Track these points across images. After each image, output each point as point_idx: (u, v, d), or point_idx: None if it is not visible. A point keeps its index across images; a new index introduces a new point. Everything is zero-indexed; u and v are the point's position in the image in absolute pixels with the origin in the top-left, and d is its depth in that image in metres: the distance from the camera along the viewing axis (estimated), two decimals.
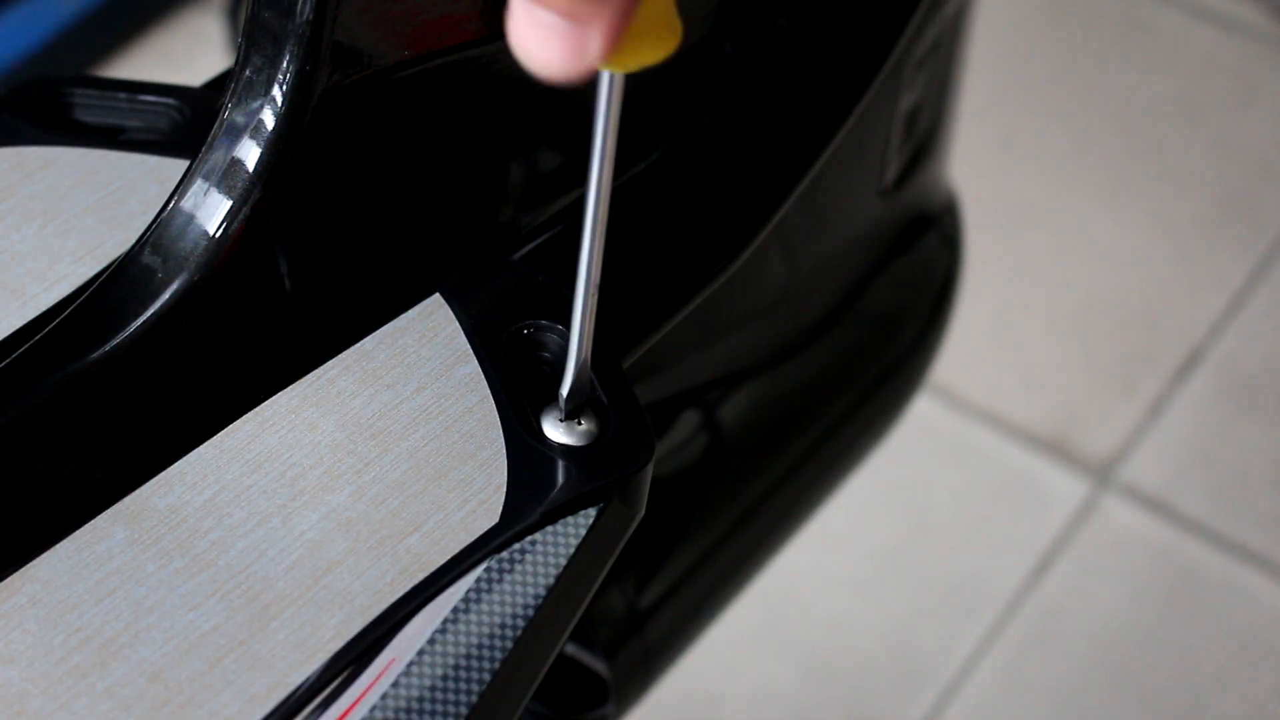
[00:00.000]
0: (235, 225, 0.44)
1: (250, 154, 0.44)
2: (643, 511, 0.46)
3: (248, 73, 0.44)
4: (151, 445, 0.45)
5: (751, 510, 0.69)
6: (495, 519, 0.44)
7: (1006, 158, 1.57)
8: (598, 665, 0.63)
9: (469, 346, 0.47)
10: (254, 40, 0.44)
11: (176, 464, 0.44)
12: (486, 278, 0.49)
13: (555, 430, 0.45)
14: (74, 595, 0.41)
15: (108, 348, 0.44)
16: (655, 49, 0.37)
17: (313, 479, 0.44)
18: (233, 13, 1.43)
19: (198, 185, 0.45)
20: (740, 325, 0.65)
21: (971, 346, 1.43)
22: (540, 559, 0.43)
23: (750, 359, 0.68)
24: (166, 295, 0.44)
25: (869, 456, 0.76)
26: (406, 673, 0.41)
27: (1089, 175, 1.57)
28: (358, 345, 0.47)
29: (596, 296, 0.43)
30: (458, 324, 0.48)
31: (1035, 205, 1.55)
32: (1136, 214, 1.54)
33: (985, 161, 1.53)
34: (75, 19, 1.52)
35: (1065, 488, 1.38)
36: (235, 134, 0.44)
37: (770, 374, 0.69)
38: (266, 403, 0.46)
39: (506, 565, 0.43)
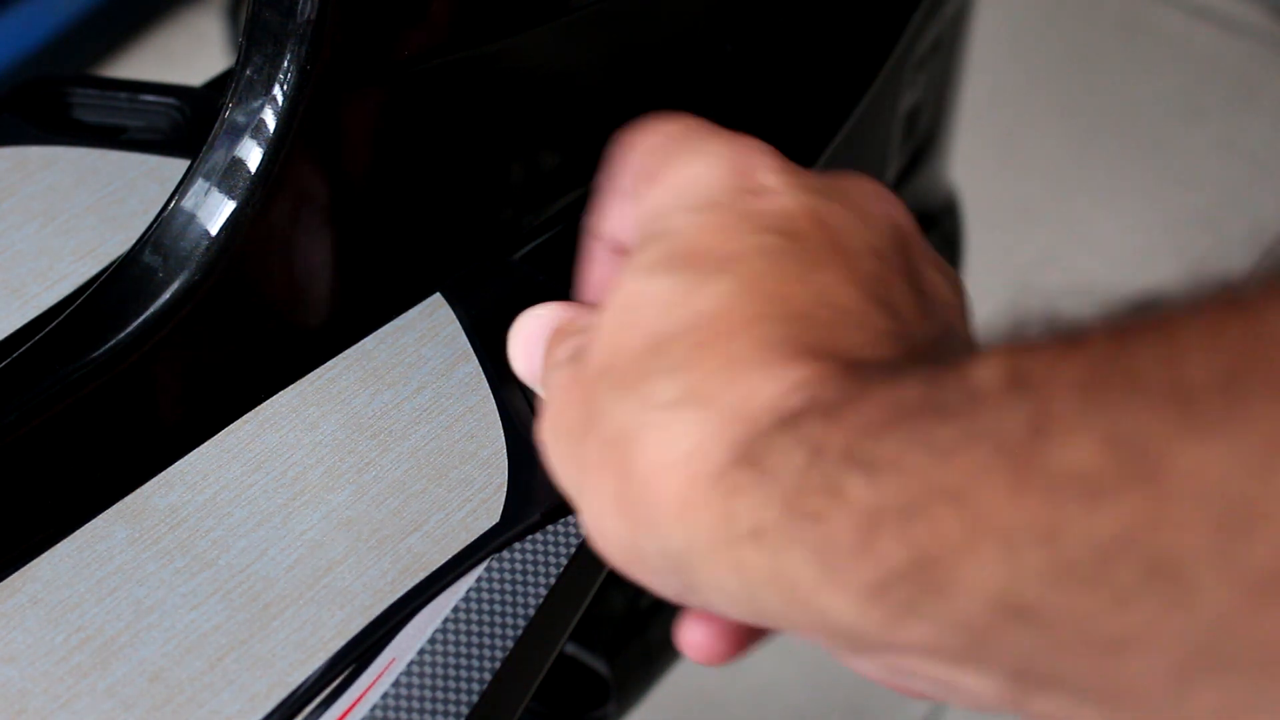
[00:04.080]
0: (236, 225, 0.44)
1: (251, 154, 0.44)
2: None
3: (248, 72, 0.44)
4: (152, 445, 0.45)
5: None
6: (496, 519, 0.44)
7: (1006, 158, 1.57)
8: (598, 665, 0.63)
9: (469, 346, 0.47)
10: (255, 40, 0.44)
11: (177, 463, 0.44)
12: (487, 278, 0.49)
13: None
14: (75, 594, 0.41)
15: (108, 348, 0.44)
16: None
17: (313, 478, 0.44)
18: (233, 13, 1.43)
19: (198, 185, 0.45)
20: None
21: None
22: (541, 559, 0.43)
23: None
24: (167, 295, 0.44)
25: None
26: (407, 672, 0.41)
27: (1089, 175, 1.56)
28: (358, 345, 0.47)
29: None
30: (458, 323, 0.48)
31: (1035, 205, 1.54)
32: (1137, 214, 1.54)
33: (985, 161, 1.53)
34: (75, 19, 1.52)
35: None
36: (236, 133, 0.44)
37: None
38: (267, 402, 0.46)
39: (507, 565, 0.43)
